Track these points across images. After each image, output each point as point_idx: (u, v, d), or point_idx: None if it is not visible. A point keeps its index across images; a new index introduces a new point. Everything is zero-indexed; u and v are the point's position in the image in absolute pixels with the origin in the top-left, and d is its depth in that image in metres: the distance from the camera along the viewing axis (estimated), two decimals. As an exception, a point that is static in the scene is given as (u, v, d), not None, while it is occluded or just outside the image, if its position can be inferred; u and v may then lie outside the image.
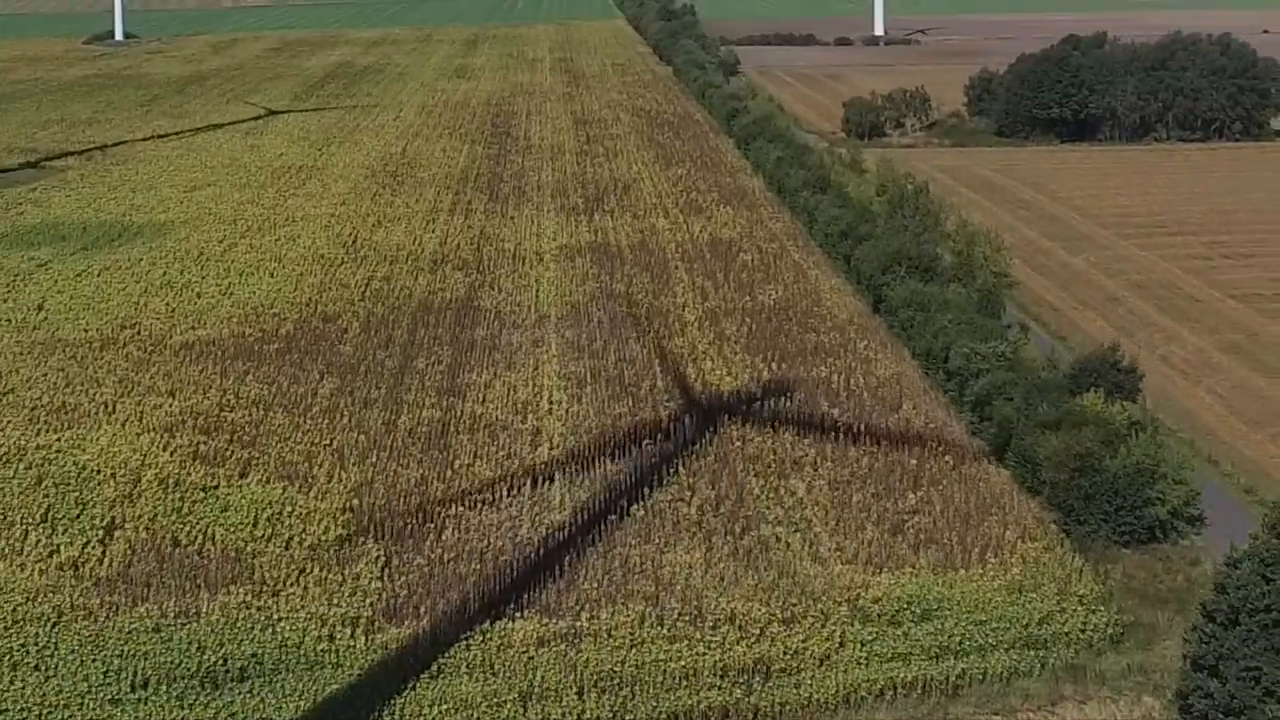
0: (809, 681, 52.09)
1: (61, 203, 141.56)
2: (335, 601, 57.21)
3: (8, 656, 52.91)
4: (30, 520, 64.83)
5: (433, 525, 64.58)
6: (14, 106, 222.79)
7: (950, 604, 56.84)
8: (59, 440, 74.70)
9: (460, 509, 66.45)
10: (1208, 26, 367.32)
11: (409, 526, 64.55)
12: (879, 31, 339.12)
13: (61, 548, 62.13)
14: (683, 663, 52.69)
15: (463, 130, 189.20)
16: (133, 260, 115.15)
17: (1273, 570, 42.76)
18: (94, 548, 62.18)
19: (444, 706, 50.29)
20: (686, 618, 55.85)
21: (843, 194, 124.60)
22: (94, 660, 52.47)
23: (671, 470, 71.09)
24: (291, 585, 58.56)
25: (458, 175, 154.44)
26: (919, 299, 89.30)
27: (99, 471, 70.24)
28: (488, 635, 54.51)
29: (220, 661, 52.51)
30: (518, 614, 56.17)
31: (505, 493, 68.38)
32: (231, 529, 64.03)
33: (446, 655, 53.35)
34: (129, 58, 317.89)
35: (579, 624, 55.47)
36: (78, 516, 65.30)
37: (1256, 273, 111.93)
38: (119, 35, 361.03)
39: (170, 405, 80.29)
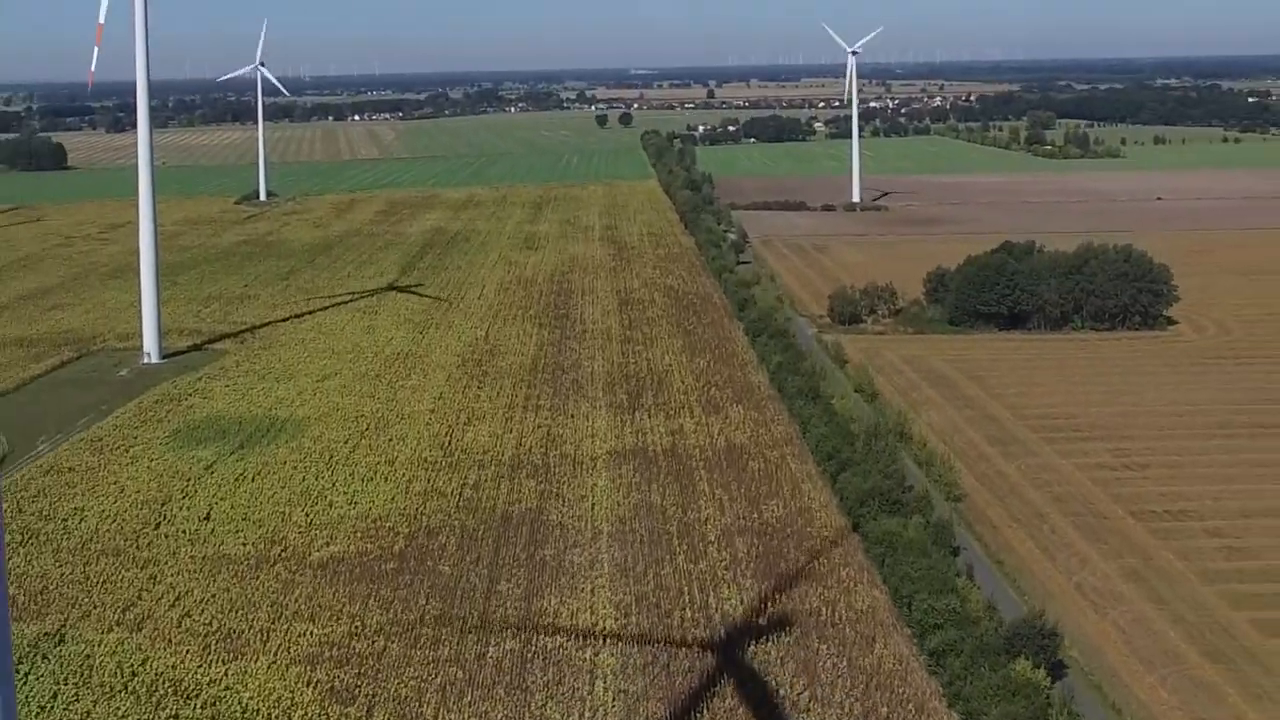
0: None
1: (221, 394, 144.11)
2: None
3: None
4: (207, 767, 67.00)
5: (515, 776, 66.57)
6: (182, 278, 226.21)
7: None
8: (226, 674, 76.57)
9: (536, 756, 68.42)
10: (1115, 190, 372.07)
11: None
12: (855, 199, 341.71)
13: (231, 799, 64.21)
14: None
15: (532, 312, 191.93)
16: (279, 462, 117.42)
17: None
18: (257, 799, 64.23)
19: None
20: None
21: (829, 407, 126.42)
22: None
23: (698, 710, 72.78)
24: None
25: (529, 365, 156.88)
26: (889, 538, 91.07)
27: (258, 712, 72.18)
28: None
29: None
30: None
31: (570, 737, 70.39)
32: (361, 778, 66.02)
33: None
34: (271, 220, 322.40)
35: None
36: (244, 763, 67.41)
37: (1149, 486, 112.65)
38: (262, 195, 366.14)
39: (311, 633, 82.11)
